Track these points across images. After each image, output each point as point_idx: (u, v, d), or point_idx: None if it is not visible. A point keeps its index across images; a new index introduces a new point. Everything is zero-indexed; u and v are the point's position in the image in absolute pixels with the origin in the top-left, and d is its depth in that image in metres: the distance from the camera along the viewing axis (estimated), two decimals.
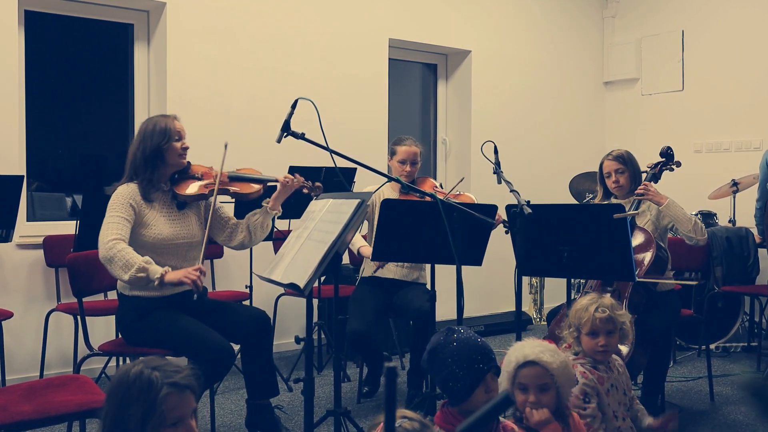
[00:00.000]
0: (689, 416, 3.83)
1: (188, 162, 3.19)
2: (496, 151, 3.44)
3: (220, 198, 3.20)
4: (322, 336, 4.66)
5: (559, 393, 2.25)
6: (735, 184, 5.37)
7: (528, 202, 3.06)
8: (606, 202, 3.80)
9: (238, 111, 4.98)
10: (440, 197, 3.04)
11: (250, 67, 5.04)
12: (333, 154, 2.82)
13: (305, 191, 3.26)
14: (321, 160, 3.53)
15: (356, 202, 2.67)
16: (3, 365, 3.90)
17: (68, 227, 4.29)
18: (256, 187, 3.24)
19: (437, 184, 4.03)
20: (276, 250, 4.21)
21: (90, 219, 3.82)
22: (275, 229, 4.08)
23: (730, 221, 5.46)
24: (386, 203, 3.21)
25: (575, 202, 5.69)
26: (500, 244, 3.86)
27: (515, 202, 3.09)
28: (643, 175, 3.80)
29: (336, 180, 3.58)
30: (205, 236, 3.13)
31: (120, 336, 3.30)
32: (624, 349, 3.03)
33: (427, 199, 3.09)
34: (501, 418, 2.22)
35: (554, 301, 6.17)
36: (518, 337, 3.23)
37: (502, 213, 3.35)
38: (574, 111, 6.88)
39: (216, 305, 3.28)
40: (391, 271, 3.92)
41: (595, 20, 7.05)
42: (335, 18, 5.42)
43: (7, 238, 3.71)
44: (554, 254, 3.05)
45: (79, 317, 3.35)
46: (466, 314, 3.64)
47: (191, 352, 2.99)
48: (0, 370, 3.89)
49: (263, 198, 3.29)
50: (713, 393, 4.13)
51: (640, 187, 3.62)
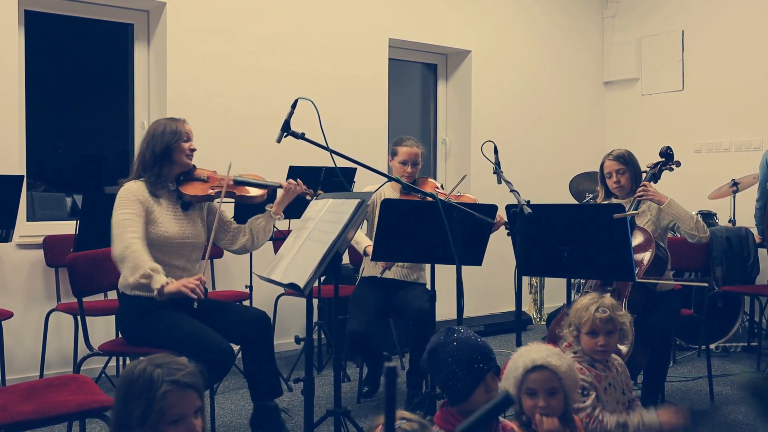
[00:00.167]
0: (689, 416, 3.82)
1: (194, 165, 3.24)
2: (496, 151, 3.44)
3: (225, 200, 3.22)
4: (322, 336, 4.66)
5: (566, 396, 2.26)
6: (735, 184, 5.37)
7: (528, 202, 3.06)
8: (606, 202, 3.80)
9: (238, 111, 4.98)
10: (441, 198, 3.04)
11: (250, 67, 5.04)
12: (333, 154, 2.82)
13: (308, 197, 3.29)
14: (321, 160, 3.54)
15: (356, 202, 2.67)
16: (3, 365, 3.90)
17: (68, 227, 4.30)
18: (260, 192, 3.29)
19: (438, 185, 4.02)
20: (276, 250, 4.21)
21: (90, 219, 3.83)
22: (275, 229, 4.08)
23: (730, 221, 5.46)
24: (386, 203, 3.21)
25: (575, 202, 5.69)
26: (500, 244, 3.86)
27: (515, 202, 3.09)
28: (643, 175, 3.80)
29: (336, 180, 3.58)
30: (211, 238, 3.15)
31: (120, 336, 3.31)
32: (623, 348, 3.03)
33: (429, 199, 3.09)
34: (501, 418, 2.22)
35: (554, 301, 6.17)
36: (518, 336, 3.24)
37: (502, 213, 3.35)
38: (574, 111, 6.88)
39: (216, 305, 3.28)
40: (391, 271, 3.91)
41: (595, 20, 7.05)
42: (335, 18, 5.42)
43: (7, 238, 3.72)
44: (554, 254, 3.05)
45: (79, 317, 3.35)
46: (466, 314, 3.64)
47: (191, 352, 2.96)
48: (0, 370, 3.89)
49: (266, 203, 3.33)
50: (713, 393, 4.13)
51: (639, 188, 3.63)
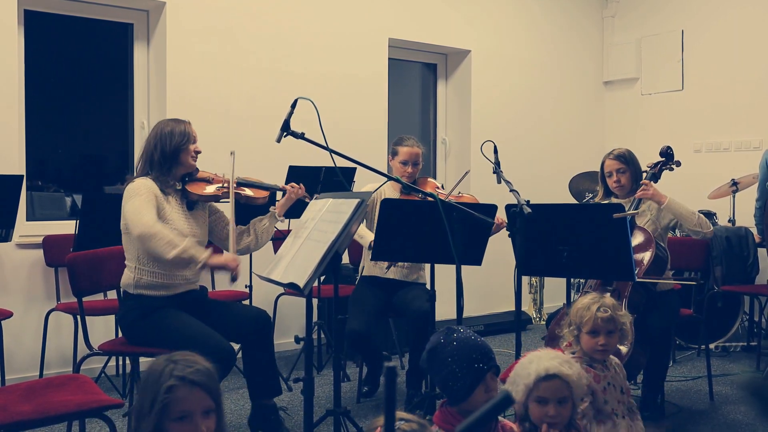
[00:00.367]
0: (689, 416, 3.83)
1: (197, 167, 3.25)
2: (495, 151, 3.44)
3: (224, 200, 3.22)
4: (322, 336, 4.66)
5: (573, 405, 2.26)
6: (735, 183, 5.36)
7: (528, 201, 3.06)
8: (606, 202, 3.80)
9: (238, 111, 4.98)
10: (441, 198, 3.04)
11: (250, 67, 5.04)
12: (333, 154, 2.82)
13: (307, 200, 3.31)
14: (321, 159, 3.54)
15: (356, 201, 2.67)
16: (3, 365, 3.90)
17: (68, 227, 4.29)
18: (264, 194, 3.32)
19: (438, 185, 4.02)
20: (276, 250, 4.21)
21: (90, 219, 3.83)
22: (275, 229, 4.09)
23: (729, 221, 5.46)
24: (386, 203, 3.21)
25: (575, 201, 5.69)
26: (500, 244, 3.86)
27: (515, 202, 3.09)
28: (643, 175, 3.80)
29: (336, 180, 3.58)
30: (231, 229, 3.15)
31: (120, 335, 3.31)
32: (623, 348, 3.03)
33: (429, 199, 3.09)
34: (500, 418, 2.22)
35: (554, 301, 6.18)
36: (518, 336, 3.23)
37: (502, 213, 3.34)
38: (574, 111, 6.88)
39: (216, 305, 3.30)
40: (391, 271, 3.91)
41: (595, 20, 7.05)
42: (335, 18, 5.42)
43: (6, 238, 3.72)
44: (554, 254, 3.05)
45: (78, 317, 3.35)
46: (465, 314, 3.64)
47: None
48: (0, 369, 3.89)
49: (267, 205, 3.36)
50: (713, 393, 4.13)
51: (640, 189, 3.62)
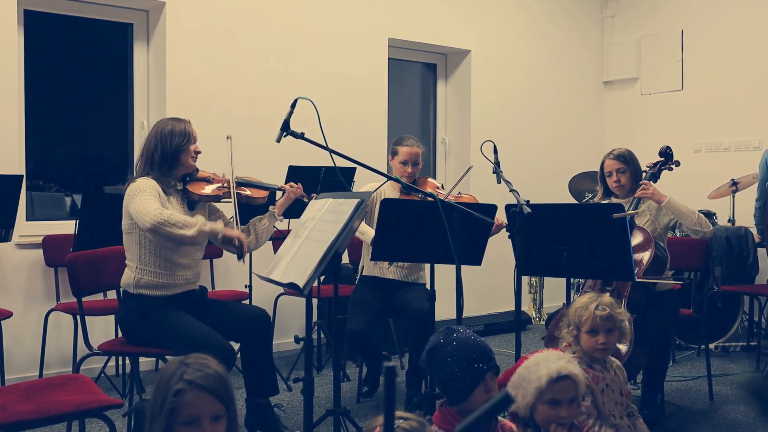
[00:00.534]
0: (689, 416, 3.83)
1: (197, 167, 3.25)
2: (495, 151, 3.44)
3: (225, 199, 3.23)
4: (322, 336, 4.66)
5: (578, 404, 2.26)
6: (734, 183, 5.36)
7: (528, 201, 3.06)
8: (606, 201, 3.80)
9: (238, 111, 4.98)
10: (441, 197, 3.04)
11: (250, 67, 5.04)
12: (332, 154, 2.82)
13: (305, 200, 3.33)
14: (320, 159, 3.54)
15: (356, 201, 2.67)
16: (3, 365, 3.90)
17: (68, 227, 4.29)
18: (263, 193, 3.33)
19: (438, 185, 4.02)
20: (276, 249, 4.21)
21: (89, 219, 3.82)
22: (275, 229, 4.09)
23: (729, 221, 5.46)
24: (386, 203, 3.21)
25: (575, 201, 5.69)
26: (500, 244, 3.86)
27: (515, 202, 3.09)
28: (643, 175, 3.80)
29: (335, 180, 3.59)
30: (235, 212, 3.16)
31: (120, 335, 3.31)
32: (623, 348, 3.03)
33: (429, 199, 3.09)
34: (500, 418, 2.22)
35: (554, 301, 6.18)
36: (518, 336, 3.23)
37: (501, 213, 3.34)
38: (573, 111, 6.88)
39: (216, 305, 3.30)
40: (390, 271, 3.91)
41: (595, 20, 7.05)
42: (335, 18, 5.41)
43: (6, 238, 3.72)
44: (554, 254, 3.05)
45: (78, 317, 3.35)
46: (465, 314, 3.64)
47: (191, 352, 2.99)
48: (0, 369, 3.89)
49: (266, 204, 3.36)
50: (712, 392, 4.13)
51: (639, 188, 3.62)
